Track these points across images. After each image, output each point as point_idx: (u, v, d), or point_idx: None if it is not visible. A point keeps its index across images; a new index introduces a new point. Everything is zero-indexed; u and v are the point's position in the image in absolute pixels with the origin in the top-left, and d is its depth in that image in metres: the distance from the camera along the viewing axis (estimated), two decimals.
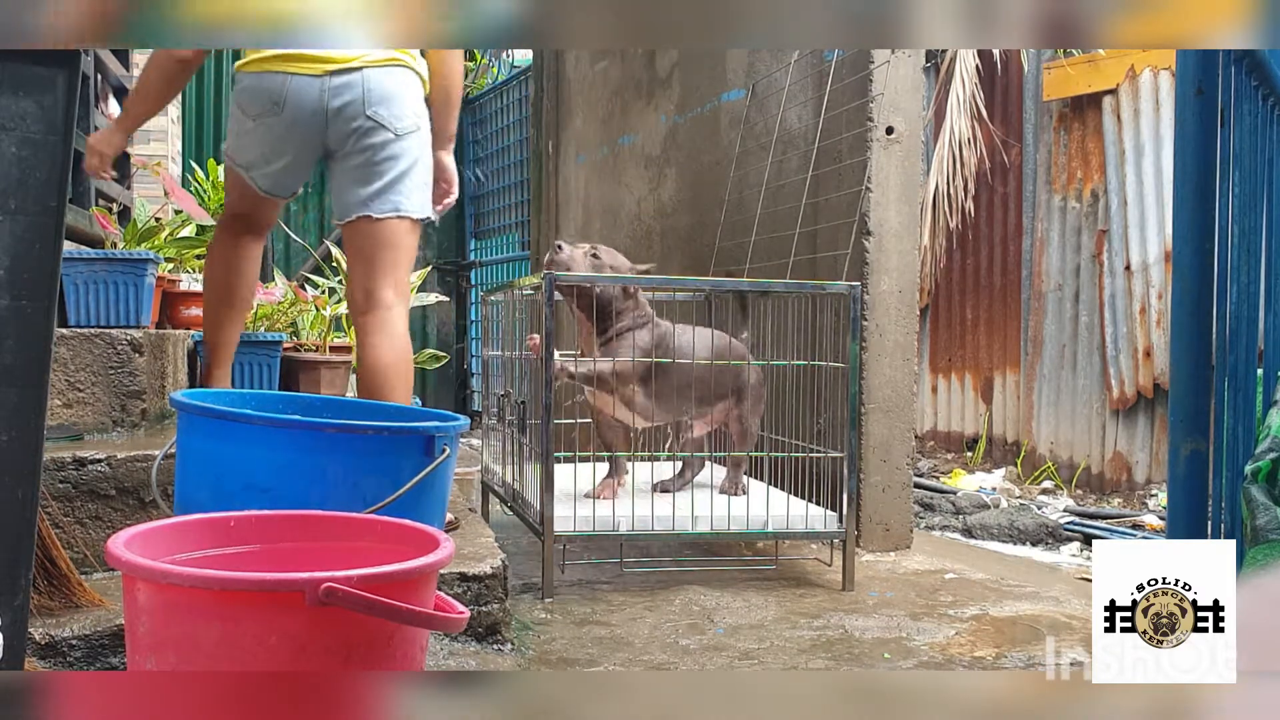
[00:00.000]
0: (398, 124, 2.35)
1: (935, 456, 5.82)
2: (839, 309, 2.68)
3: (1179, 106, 1.26)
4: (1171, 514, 1.26)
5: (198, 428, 1.76)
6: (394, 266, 2.38)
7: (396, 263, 2.38)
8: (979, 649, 2.16)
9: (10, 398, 1.24)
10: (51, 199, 1.25)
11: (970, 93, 5.25)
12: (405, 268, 2.42)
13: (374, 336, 2.35)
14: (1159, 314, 4.81)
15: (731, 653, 2.12)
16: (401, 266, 2.40)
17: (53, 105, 1.25)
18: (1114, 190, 4.99)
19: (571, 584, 2.63)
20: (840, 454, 2.65)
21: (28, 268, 1.24)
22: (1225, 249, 1.30)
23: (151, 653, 1.22)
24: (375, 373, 2.32)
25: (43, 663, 1.67)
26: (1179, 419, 1.24)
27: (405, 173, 2.37)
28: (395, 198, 2.37)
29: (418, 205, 2.41)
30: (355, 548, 1.48)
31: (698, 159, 3.99)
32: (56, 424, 2.38)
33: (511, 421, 2.89)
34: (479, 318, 5.97)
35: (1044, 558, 3.79)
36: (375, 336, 2.34)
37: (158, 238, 3.23)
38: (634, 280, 2.67)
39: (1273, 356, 1.65)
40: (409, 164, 2.38)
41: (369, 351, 2.34)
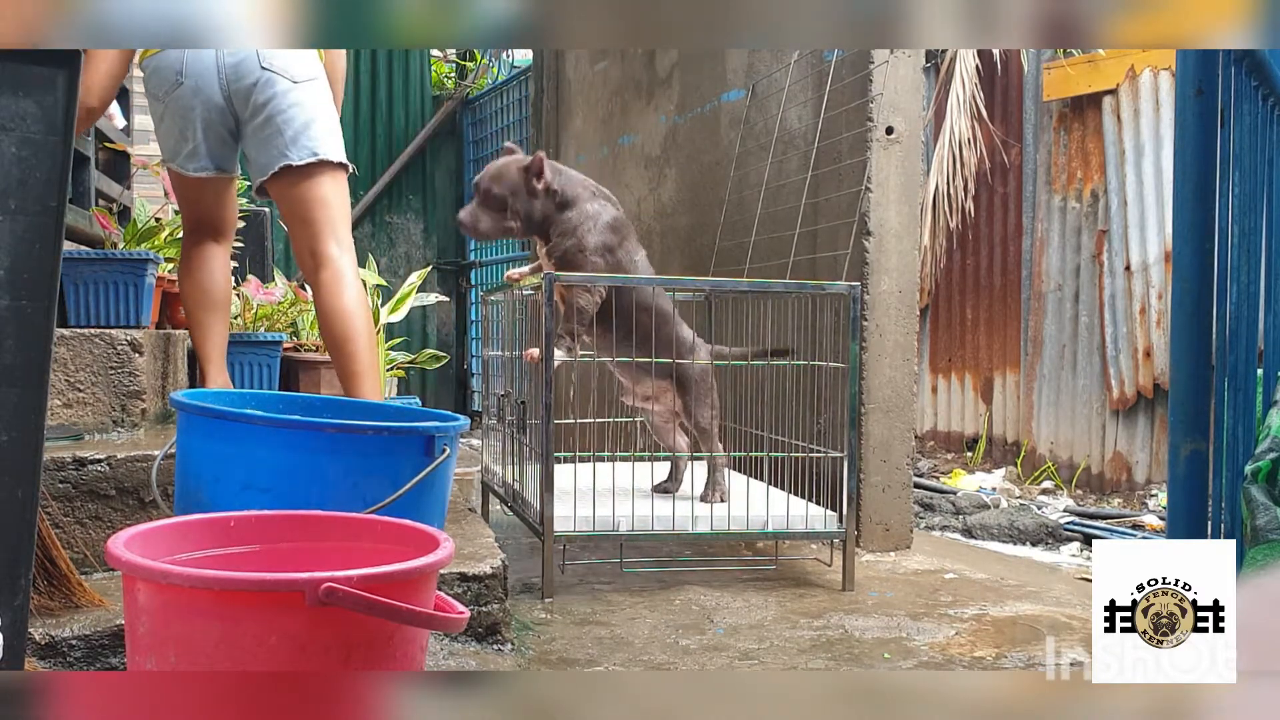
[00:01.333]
0: (293, 71, 2.39)
1: (935, 456, 5.82)
2: (839, 309, 2.68)
3: (1179, 106, 1.26)
4: (1171, 514, 1.26)
5: (198, 428, 1.76)
6: (330, 223, 2.41)
7: (332, 219, 2.42)
8: (979, 649, 2.16)
9: (10, 398, 1.24)
10: (51, 199, 1.25)
11: (970, 93, 5.25)
12: (343, 223, 2.44)
13: (330, 288, 2.39)
14: (1159, 314, 4.81)
15: (731, 653, 2.11)
16: (339, 222, 2.43)
17: (53, 105, 1.25)
18: (1114, 190, 4.99)
19: (571, 584, 2.63)
20: (840, 454, 2.64)
21: (28, 268, 1.24)
22: (1225, 249, 1.30)
23: (151, 653, 1.22)
24: (337, 316, 2.37)
25: (43, 663, 1.67)
26: (1179, 419, 1.24)
27: (314, 118, 2.40)
28: (310, 143, 2.39)
29: (334, 149, 2.42)
30: (355, 548, 1.48)
31: (698, 159, 3.99)
32: (56, 424, 2.38)
33: (511, 421, 2.89)
34: (479, 318, 5.97)
35: (1044, 558, 3.79)
36: (332, 287, 2.39)
37: (158, 238, 3.22)
38: (633, 280, 2.67)
39: (1273, 356, 1.65)
40: (314, 110, 2.41)
41: (327, 300, 2.39)
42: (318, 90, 2.43)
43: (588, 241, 2.61)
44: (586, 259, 2.60)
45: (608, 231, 2.64)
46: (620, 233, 2.69)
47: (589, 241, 2.62)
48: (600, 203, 2.67)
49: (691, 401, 2.75)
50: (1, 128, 1.22)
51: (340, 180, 2.45)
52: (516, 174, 2.60)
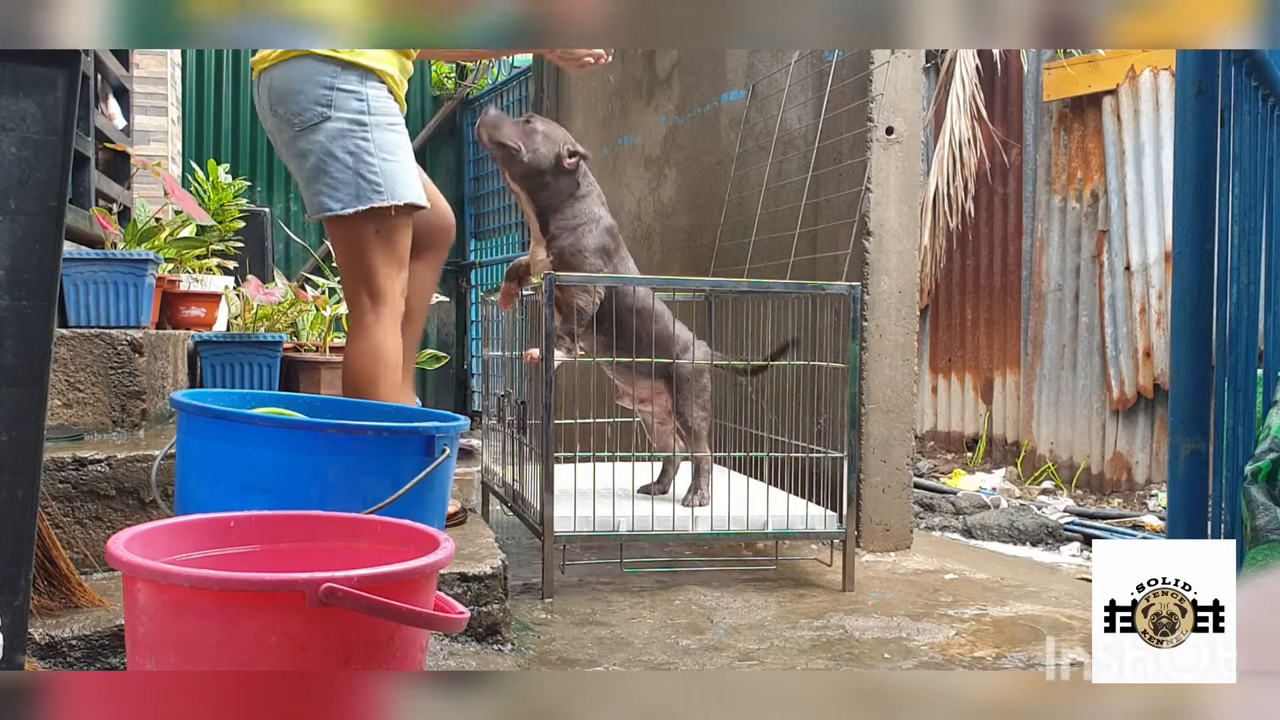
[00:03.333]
0: (297, 119, 2.27)
1: (935, 457, 5.82)
2: (839, 309, 2.68)
3: (1179, 106, 1.26)
4: (1171, 514, 1.26)
5: (198, 428, 1.76)
6: (357, 270, 2.31)
7: (356, 265, 2.31)
8: (979, 649, 2.16)
9: (10, 398, 1.24)
10: (51, 199, 1.25)
11: (970, 93, 5.25)
12: (371, 269, 2.30)
13: (349, 342, 2.35)
14: (1159, 314, 4.81)
15: (731, 653, 2.11)
16: (366, 269, 2.30)
17: (53, 105, 1.25)
18: (1114, 191, 4.99)
19: (572, 584, 2.63)
20: (840, 454, 2.64)
21: (28, 268, 1.24)
22: (1225, 249, 1.30)
23: (151, 653, 1.22)
24: (344, 376, 2.34)
25: (43, 663, 1.67)
26: (1179, 419, 1.24)
27: (318, 168, 2.27)
28: (317, 198, 2.29)
29: (346, 198, 2.26)
30: (355, 548, 1.48)
31: (698, 159, 3.99)
32: (56, 424, 2.38)
33: (511, 421, 2.89)
34: (479, 318, 5.97)
35: (1044, 558, 3.79)
36: (349, 342, 2.35)
37: (158, 238, 3.23)
38: (633, 280, 2.67)
39: (1273, 356, 1.64)
40: (320, 158, 2.26)
41: (344, 355, 2.36)
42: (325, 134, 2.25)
43: (587, 242, 2.61)
44: (585, 260, 2.60)
45: (606, 235, 2.65)
46: (616, 239, 2.70)
47: (588, 242, 2.61)
48: (604, 209, 2.69)
49: (681, 401, 2.74)
50: (1, 128, 1.22)
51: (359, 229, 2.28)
52: (562, 139, 2.62)
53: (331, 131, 2.25)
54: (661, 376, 2.74)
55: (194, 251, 3.38)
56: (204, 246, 3.41)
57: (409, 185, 2.32)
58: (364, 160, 2.26)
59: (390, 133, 2.31)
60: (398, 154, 2.32)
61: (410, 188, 2.32)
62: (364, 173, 2.26)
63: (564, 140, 2.61)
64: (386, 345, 2.32)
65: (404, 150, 2.34)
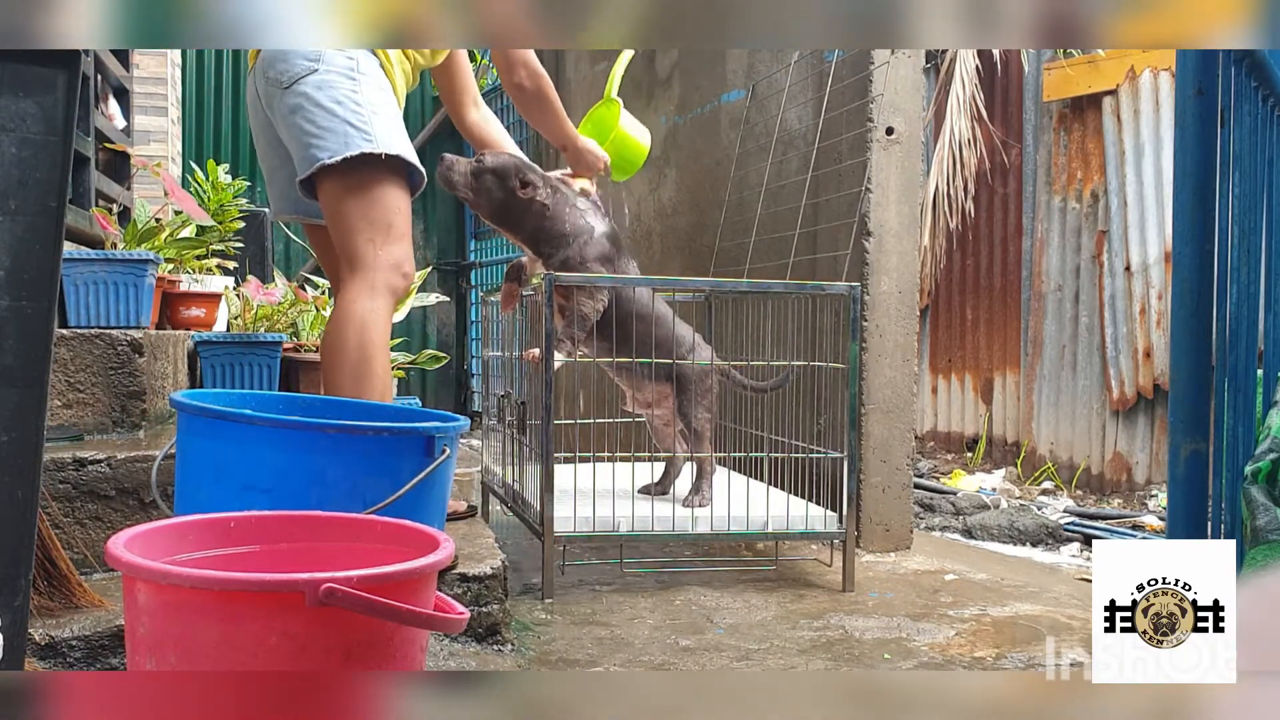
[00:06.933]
0: (285, 75, 2.21)
1: (935, 457, 5.82)
2: (839, 309, 2.68)
3: (1179, 107, 1.26)
4: (1171, 514, 1.26)
5: (198, 428, 1.76)
6: (337, 233, 2.22)
7: (337, 227, 2.21)
8: (979, 649, 2.16)
9: (10, 398, 1.24)
10: (51, 199, 1.25)
11: (970, 93, 5.26)
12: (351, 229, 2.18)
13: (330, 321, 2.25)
14: (1159, 314, 4.81)
15: (731, 653, 2.11)
16: (344, 229, 2.18)
17: (53, 105, 1.25)
18: (1114, 191, 4.99)
19: (571, 584, 2.63)
20: (840, 454, 2.64)
21: (28, 268, 1.24)
22: (1225, 249, 1.30)
23: (151, 653, 1.22)
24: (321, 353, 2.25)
25: (43, 663, 1.67)
26: (1179, 419, 1.24)
27: (307, 119, 2.18)
28: (307, 151, 2.18)
29: (334, 145, 2.16)
30: (355, 548, 1.48)
31: (698, 160, 3.99)
32: (56, 424, 2.38)
33: (511, 422, 2.89)
34: (479, 318, 5.97)
35: (1044, 558, 3.79)
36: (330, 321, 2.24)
37: (158, 238, 3.23)
38: (633, 281, 2.67)
39: (1273, 356, 1.64)
40: (308, 109, 2.18)
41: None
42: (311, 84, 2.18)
43: (588, 253, 2.60)
44: (589, 270, 2.59)
45: (606, 243, 2.64)
46: (618, 244, 2.69)
47: (589, 253, 2.61)
48: (595, 217, 2.65)
49: (685, 402, 2.73)
50: (1, 128, 1.22)
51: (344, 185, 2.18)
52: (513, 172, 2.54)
53: (319, 81, 2.19)
54: (667, 379, 2.74)
55: (194, 252, 3.38)
56: (204, 247, 3.41)
57: (401, 141, 2.22)
58: (352, 110, 2.18)
59: (381, 93, 2.24)
60: (388, 112, 2.24)
61: (402, 144, 2.22)
62: (352, 120, 2.17)
63: (514, 172, 2.55)
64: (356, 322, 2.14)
65: (395, 113, 2.26)
